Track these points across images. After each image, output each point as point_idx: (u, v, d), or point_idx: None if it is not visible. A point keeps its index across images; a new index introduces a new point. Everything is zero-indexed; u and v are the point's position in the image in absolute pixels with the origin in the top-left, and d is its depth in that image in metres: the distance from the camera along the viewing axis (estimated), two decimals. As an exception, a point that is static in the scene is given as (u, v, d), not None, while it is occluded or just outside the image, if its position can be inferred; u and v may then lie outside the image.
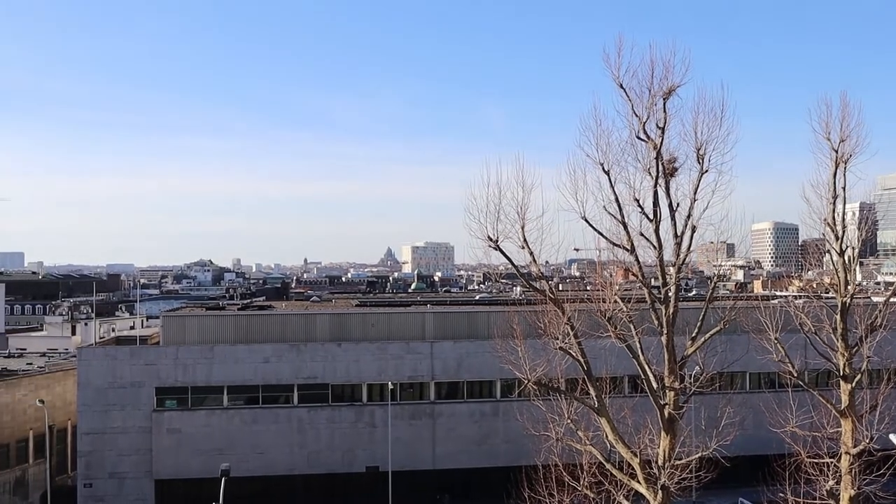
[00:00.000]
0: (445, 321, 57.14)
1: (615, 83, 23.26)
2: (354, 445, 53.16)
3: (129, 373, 51.89)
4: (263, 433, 52.52)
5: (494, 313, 53.31)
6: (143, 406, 51.84)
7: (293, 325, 55.75)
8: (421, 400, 54.36)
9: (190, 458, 51.47)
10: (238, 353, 52.79)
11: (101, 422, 51.56)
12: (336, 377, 53.35)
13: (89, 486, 51.52)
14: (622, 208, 23.60)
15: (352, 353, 53.56)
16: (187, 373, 52.23)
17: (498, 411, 54.00)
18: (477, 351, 53.00)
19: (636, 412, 25.92)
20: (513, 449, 50.49)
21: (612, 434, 24.36)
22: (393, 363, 53.69)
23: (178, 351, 52.61)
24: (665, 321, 23.96)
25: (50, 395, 64.40)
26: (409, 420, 53.62)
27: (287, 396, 53.33)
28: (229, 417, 52.66)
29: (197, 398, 52.58)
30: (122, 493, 51.52)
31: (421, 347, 54.23)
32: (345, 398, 53.73)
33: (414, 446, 53.32)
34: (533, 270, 25.12)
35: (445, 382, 54.59)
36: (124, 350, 54.77)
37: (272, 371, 52.81)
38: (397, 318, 57.32)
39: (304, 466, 52.74)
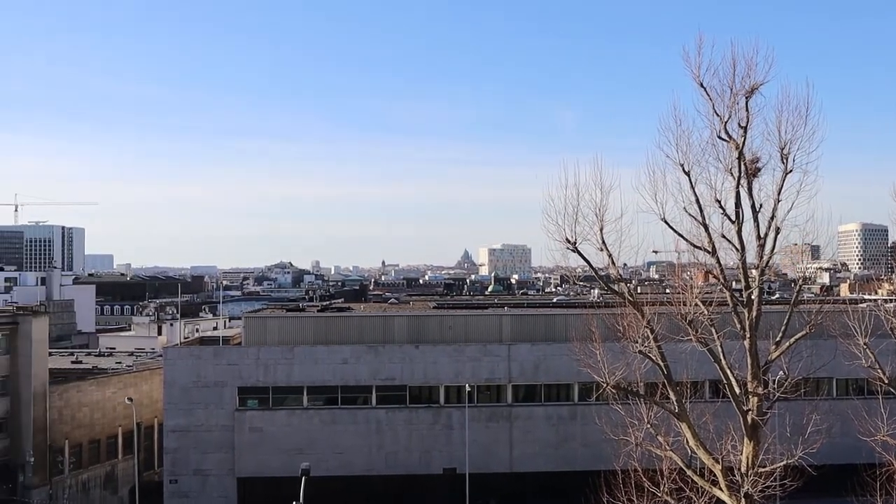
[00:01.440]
0: (523, 324, 56.94)
1: (695, 82, 22.86)
2: (431, 447, 53.38)
3: (212, 372, 53.14)
4: (342, 433, 53.16)
5: (572, 316, 52.85)
6: (226, 405, 53.01)
7: (371, 326, 56.30)
8: (498, 402, 54.28)
9: (271, 456, 52.41)
10: (317, 354, 53.56)
11: (185, 420, 52.89)
12: (413, 379, 53.67)
13: (175, 483, 52.91)
14: (703, 210, 23.16)
15: (429, 354, 53.80)
16: (268, 373, 53.23)
17: (576, 415, 53.55)
18: (554, 354, 52.66)
19: (718, 417, 25.39)
20: (591, 453, 49.98)
21: (693, 439, 23.90)
22: (470, 365, 53.75)
23: (259, 351, 53.67)
24: (748, 325, 23.41)
25: (138, 394, 66.48)
26: (486, 422, 53.58)
27: (365, 397, 53.88)
28: (309, 417, 53.47)
29: (277, 398, 53.54)
30: (206, 490, 52.76)
31: (498, 350, 54.16)
32: (422, 400, 54.01)
33: (491, 449, 53.26)
34: (611, 273, 24.85)
35: (523, 385, 54.40)
36: (208, 350, 56.15)
37: (351, 372, 53.42)
38: (474, 321, 57.37)
39: (382, 467, 53.18)
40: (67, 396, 66.82)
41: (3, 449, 62.82)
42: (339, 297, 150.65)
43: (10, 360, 63.58)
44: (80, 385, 68.84)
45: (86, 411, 67.94)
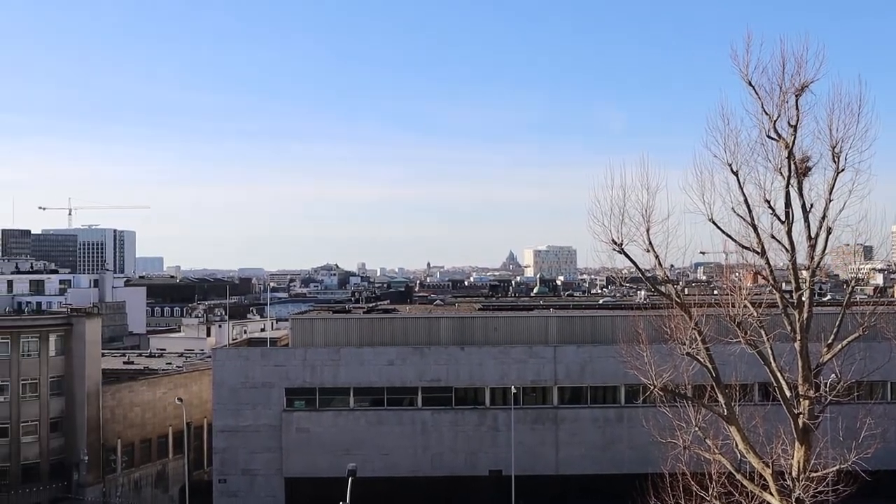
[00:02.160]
0: (568, 325, 56.67)
1: (743, 81, 22.56)
2: (477, 448, 53.37)
3: (259, 373, 53.74)
4: (388, 434, 53.40)
5: (618, 317, 52.55)
6: (274, 406, 53.56)
7: (417, 328, 56.48)
8: (544, 404, 54.09)
9: (318, 457, 52.83)
10: (363, 356, 53.88)
11: (234, 420, 53.55)
12: (459, 380, 53.72)
13: (224, 482, 53.59)
14: (752, 210, 22.84)
15: (475, 356, 53.81)
16: (315, 374, 53.68)
17: (622, 417, 53.15)
18: (601, 356, 52.32)
19: (768, 421, 25.01)
20: (638, 456, 49.52)
21: (743, 443, 23.58)
22: (516, 367, 53.63)
23: (306, 353, 54.14)
24: (798, 327, 23.03)
25: (187, 394, 67.52)
26: (532, 424, 53.42)
27: (411, 399, 54.06)
28: (355, 418, 53.81)
29: (324, 399, 53.98)
30: (254, 489, 53.36)
31: (544, 352, 53.97)
32: (468, 401, 54.03)
33: (537, 451, 53.09)
34: (658, 274, 24.63)
35: (568, 387, 54.16)
36: (255, 351, 56.79)
37: (396, 373, 53.65)
38: (520, 322, 57.25)
39: (428, 468, 53.30)
40: (120, 396, 68.13)
41: (58, 447, 64.24)
42: (385, 298, 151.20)
43: (65, 360, 65.03)
44: (131, 385, 70.15)
45: (137, 411, 69.21)
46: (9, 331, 64.59)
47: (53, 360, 64.52)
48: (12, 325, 67.05)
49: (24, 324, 67.76)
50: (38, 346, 64.27)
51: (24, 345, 63.81)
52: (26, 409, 63.30)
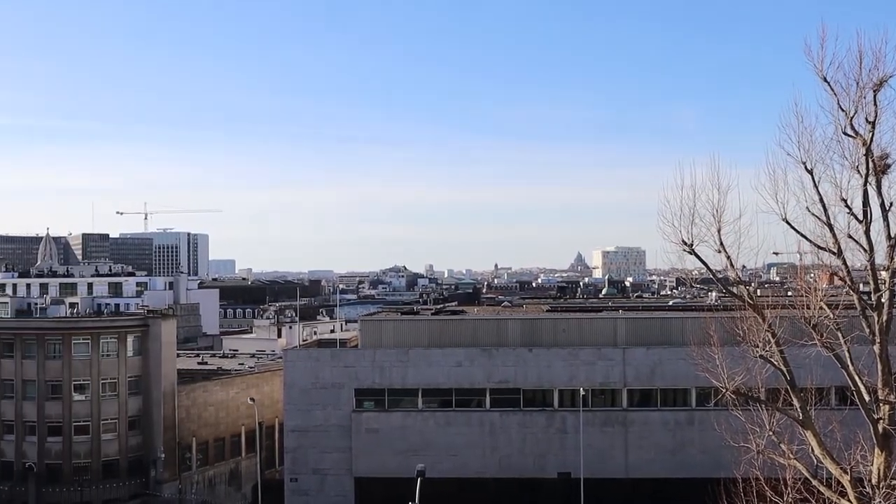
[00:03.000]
0: (638, 327, 56.04)
1: (818, 76, 22.02)
2: (546, 451, 53.13)
3: (329, 374, 54.40)
4: (456, 436, 53.52)
5: (689, 319, 51.76)
6: (343, 406, 54.14)
7: (485, 329, 56.52)
8: (613, 406, 53.58)
9: (387, 457, 53.22)
10: (432, 357, 54.12)
11: (304, 420, 54.30)
12: (527, 382, 53.57)
13: (295, 481, 54.40)
14: (827, 209, 22.29)
15: (543, 358, 53.60)
16: (384, 375, 54.11)
17: (693, 420, 52.33)
18: (671, 358, 51.60)
19: (845, 426, 24.38)
20: (709, 460, 48.66)
21: (819, 448, 23.02)
22: (584, 369, 53.26)
23: (375, 354, 54.61)
24: (877, 329, 22.38)
25: (259, 394, 68.77)
26: (601, 427, 52.97)
27: (479, 400, 54.09)
28: (424, 419, 54.07)
29: (393, 400, 54.37)
30: (325, 489, 54.03)
31: (613, 354, 53.47)
32: (536, 403, 53.83)
33: (606, 453, 52.61)
34: (730, 275, 24.21)
35: (638, 390, 53.55)
36: (325, 352, 57.50)
37: (465, 375, 53.75)
38: (588, 324, 56.85)
39: (496, 470, 53.26)
40: (194, 396, 69.76)
41: (136, 445, 66.09)
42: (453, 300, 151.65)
43: (142, 360, 66.87)
44: (205, 385, 71.78)
45: (211, 410, 70.78)
46: (89, 331, 66.72)
47: (131, 360, 66.39)
48: (93, 326, 69.28)
49: (103, 325, 69.95)
50: (116, 346, 66.20)
51: (103, 345, 65.80)
52: (106, 408, 65.26)
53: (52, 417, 64.89)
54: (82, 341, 65.61)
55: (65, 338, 65.60)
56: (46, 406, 64.97)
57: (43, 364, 65.24)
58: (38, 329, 68.69)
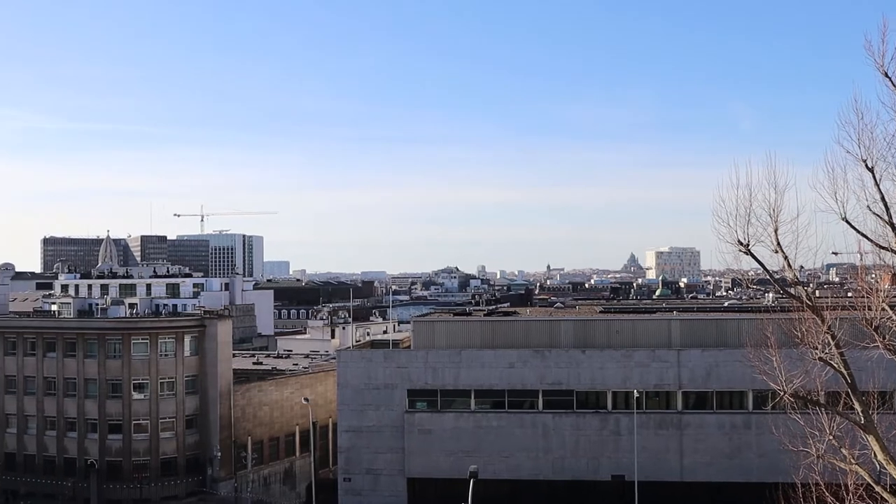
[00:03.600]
0: (693, 328, 55.31)
1: (879, 72, 21.48)
2: (599, 453, 52.74)
3: (382, 375, 54.69)
4: (509, 437, 53.41)
5: (745, 321, 51.00)
6: (396, 407, 54.38)
7: (537, 331, 56.30)
8: (667, 409, 52.98)
9: (439, 458, 53.33)
10: (484, 358, 54.08)
11: (358, 420, 54.67)
12: (580, 384, 53.24)
13: (348, 481, 54.80)
14: (889, 208, 21.75)
15: (596, 359, 53.22)
16: (436, 376, 54.23)
17: (750, 424, 51.48)
18: (727, 360, 50.84)
19: (909, 430, 23.76)
20: (767, 464, 47.91)
21: (882, 454, 22.46)
22: (638, 371, 52.75)
23: (427, 354, 54.76)
24: (942, 331, 21.78)
25: (313, 394, 69.45)
26: (656, 429, 52.39)
27: (532, 402, 53.91)
28: (476, 420, 54.05)
29: (446, 400, 54.45)
30: (378, 488, 54.33)
31: (667, 355, 52.86)
32: (589, 405, 53.46)
33: (660, 457, 52.02)
34: (787, 276, 23.76)
35: (693, 392, 52.86)
36: (378, 353, 57.83)
37: (517, 376, 53.61)
38: (642, 325, 56.28)
39: (549, 472, 53.03)
40: (250, 395, 70.71)
41: (193, 443, 67.22)
42: (505, 301, 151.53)
43: (199, 360, 68.01)
44: (261, 385, 72.72)
45: (266, 410, 71.68)
46: (148, 332, 68.09)
47: (188, 360, 67.57)
48: (151, 326, 70.67)
49: (161, 325, 71.30)
50: (174, 346, 67.43)
51: (161, 345, 67.09)
52: (164, 406, 66.51)
53: (112, 415, 66.36)
54: (141, 341, 66.99)
55: (124, 338, 67.02)
56: (107, 404, 66.46)
57: (104, 363, 66.75)
58: (99, 329, 70.29)
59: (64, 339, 69.07)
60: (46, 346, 69.47)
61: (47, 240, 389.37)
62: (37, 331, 71.58)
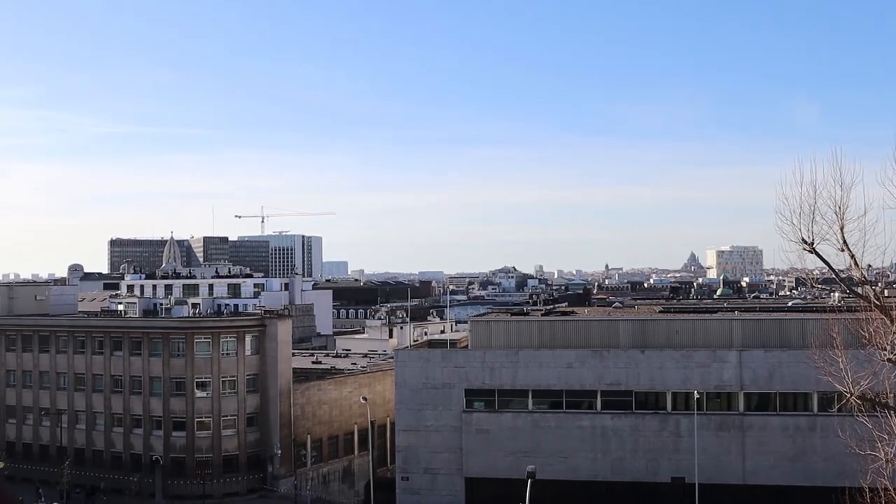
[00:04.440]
0: (755, 329, 54.34)
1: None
2: (659, 455, 52.15)
3: (440, 374, 54.85)
4: (567, 438, 53.13)
5: (810, 321, 49.88)
6: (454, 406, 54.49)
7: (595, 330, 55.89)
8: (729, 410, 52.14)
9: (497, 458, 53.29)
10: (542, 358, 53.88)
11: (415, 420, 54.91)
12: (639, 384, 52.72)
13: (406, 480, 55.08)
14: (961, 204, 21.13)
15: (655, 360, 52.65)
16: (494, 376, 54.20)
17: (815, 426, 50.39)
18: (790, 361, 49.86)
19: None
20: (833, 468, 46.83)
21: (953, 457, 21.81)
22: (698, 372, 52.02)
23: (485, 354, 54.76)
24: None
25: (371, 393, 69.93)
26: (717, 431, 51.60)
27: (590, 402, 53.55)
28: (534, 421, 53.88)
29: (503, 400, 54.39)
30: (436, 488, 54.50)
31: (728, 356, 52.03)
32: (648, 406, 52.89)
33: (721, 459, 51.23)
34: (854, 274, 23.21)
35: (755, 393, 51.92)
36: (436, 353, 58.00)
37: (575, 376, 53.30)
38: (702, 325, 55.47)
39: (608, 473, 52.61)
40: (309, 394, 71.50)
41: (254, 441, 68.22)
42: (563, 301, 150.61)
43: (259, 359, 68.99)
44: (320, 384, 73.47)
45: (325, 409, 72.39)
46: (210, 331, 69.29)
47: (249, 359, 68.59)
48: (213, 325, 71.91)
49: (223, 325, 72.50)
50: (235, 345, 68.50)
51: (223, 344, 68.20)
52: (226, 405, 67.62)
53: (176, 413, 67.71)
54: (204, 340, 68.20)
55: (188, 337, 68.34)
56: (171, 402, 67.86)
57: (168, 362, 68.17)
58: (163, 329, 71.77)
59: (130, 338, 70.69)
60: (113, 345, 71.20)
61: (114, 241, 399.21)
62: (104, 330, 73.37)
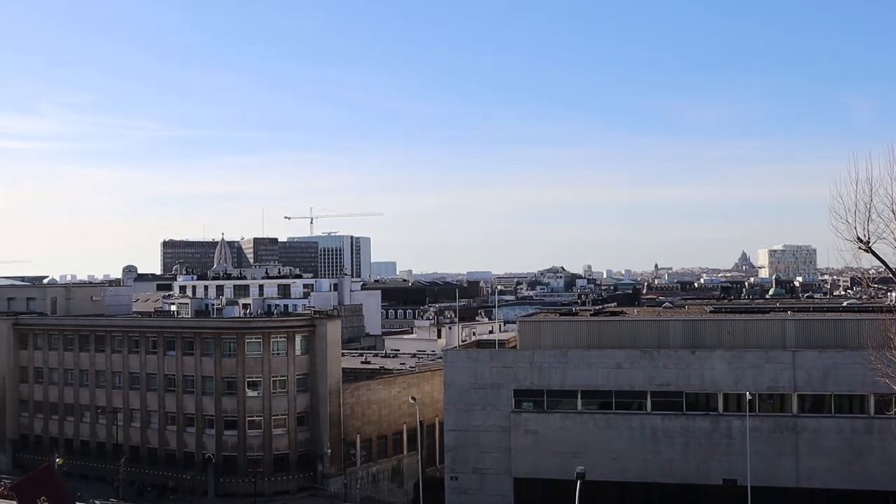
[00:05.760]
0: (809, 329, 53.42)
1: None
2: (710, 456, 51.54)
3: (488, 374, 54.86)
4: (616, 439, 52.78)
5: (866, 321, 48.96)
6: (502, 407, 54.46)
7: (645, 331, 55.45)
8: (782, 412, 51.33)
9: (546, 458, 53.13)
10: (591, 358, 53.61)
11: (464, 420, 55.00)
12: (690, 385, 52.16)
13: (455, 480, 55.19)
14: None
15: (706, 360, 52.04)
16: (542, 376, 54.06)
17: (872, 429, 49.37)
18: (845, 362, 48.94)
19: None
20: (891, 471, 45.95)
21: None
22: (750, 373, 51.30)
23: (533, 355, 54.64)
24: None
25: (420, 393, 70.17)
26: (769, 433, 50.83)
27: (640, 403, 53.12)
28: (583, 421, 53.62)
29: (552, 401, 54.22)
30: (484, 488, 54.51)
31: (781, 357, 51.22)
32: (699, 407, 52.28)
33: (774, 461, 50.46)
34: (911, 274, 22.77)
35: (809, 395, 51.04)
36: (484, 353, 58.01)
37: (624, 377, 52.93)
38: (754, 326, 54.69)
39: (658, 475, 52.14)
40: (358, 394, 72.00)
41: (304, 440, 68.92)
42: (612, 301, 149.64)
43: (309, 359, 69.67)
44: (369, 384, 73.94)
45: (374, 408, 72.83)
46: (261, 331, 70.17)
47: (299, 359, 69.30)
48: (264, 326, 72.81)
49: (274, 325, 73.34)
50: (285, 345, 69.26)
51: (273, 344, 69.01)
52: (276, 404, 68.41)
53: (227, 412, 68.69)
54: (255, 340, 69.06)
55: (239, 337, 69.26)
56: (223, 401, 68.84)
57: (220, 361, 69.16)
58: (215, 329, 72.83)
59: (182, 338, 71.89)
60: (167, 345, 72.48)
61: (166, 242, 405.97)
62: (158, 330, 74.72)
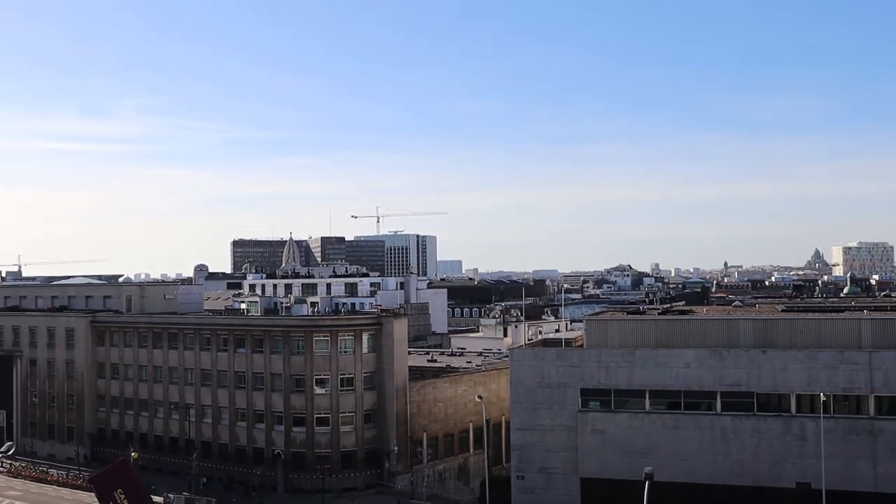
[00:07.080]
0: (886, 329, 51.90)
1: None
2: (782, 459, 50.49)
3: (555, 373, 54.65)
4: (685, 439, 52.07)
5: (946, 321, 47.31)
6: (569, 406, 54.20)
7: (714, 330, 54.58)
8: (858, 414, 49.98)
9: (613, 458, 52.71)
10: (659, 358, 52.99)
11: (530, 419, 54.88)
12: (761, 386, 51.18)
13: (521, 479, 55.12)
14: None
15: (778, 360, 50.99)
16: (609, 375, 53.64)
17: (953, 432, 47.72)
18: (925, 363, 47.40)
19: None
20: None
21: None
22: (824, 373, 50.08)
23: (600, 354, 54.26)
24: None
25: (486, 392, 70.20)
26: (844, 436, 49.54)
27: (709, 403, 52.32)
28: (651, 421, 53.04)
29: (619, 400, 53.76)
30: (550, 487, 54.32)
31: (857, 357, 49.89)
32: (770, 408, 51.27)
33: (850, 465, 49.15)
34: None
35: (887, 397, 49.59)
36: (551, 352, 57.78)
37: (693, 377, 52.19)
38: (828, 325, 53.37)
39: (728, 476, 51.27)
40: (425, 392, 72.33)
41: (371, 438, 69.54)
42: (680, 299, 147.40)
43: (376, 357, 70.26)
44: (435, 382, 74.22)
45: (440, 407, 73.09)
46: (329, 329, 70.99)
47: (366, 357, 69.92)
48: (332, 324, 73.66)
49: (341, 323, 74.14)
50: (353, 343, 69.94)
51: (341, 342, 69.75)
52: (344, 401, 69.16)
53: (296, 409, 69.69)
54: (322, 338, 69.89)
55: (307, 335, 70.18)
56: (291, 398, 69.87)
57: (288, 359, 70.20)
58: (283, 327, 73.91)
59: (252, 336, 73.16)
60: (237, 343, 73.85)
61: (236, 242, 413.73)
62: (228, 328, 76.14)
